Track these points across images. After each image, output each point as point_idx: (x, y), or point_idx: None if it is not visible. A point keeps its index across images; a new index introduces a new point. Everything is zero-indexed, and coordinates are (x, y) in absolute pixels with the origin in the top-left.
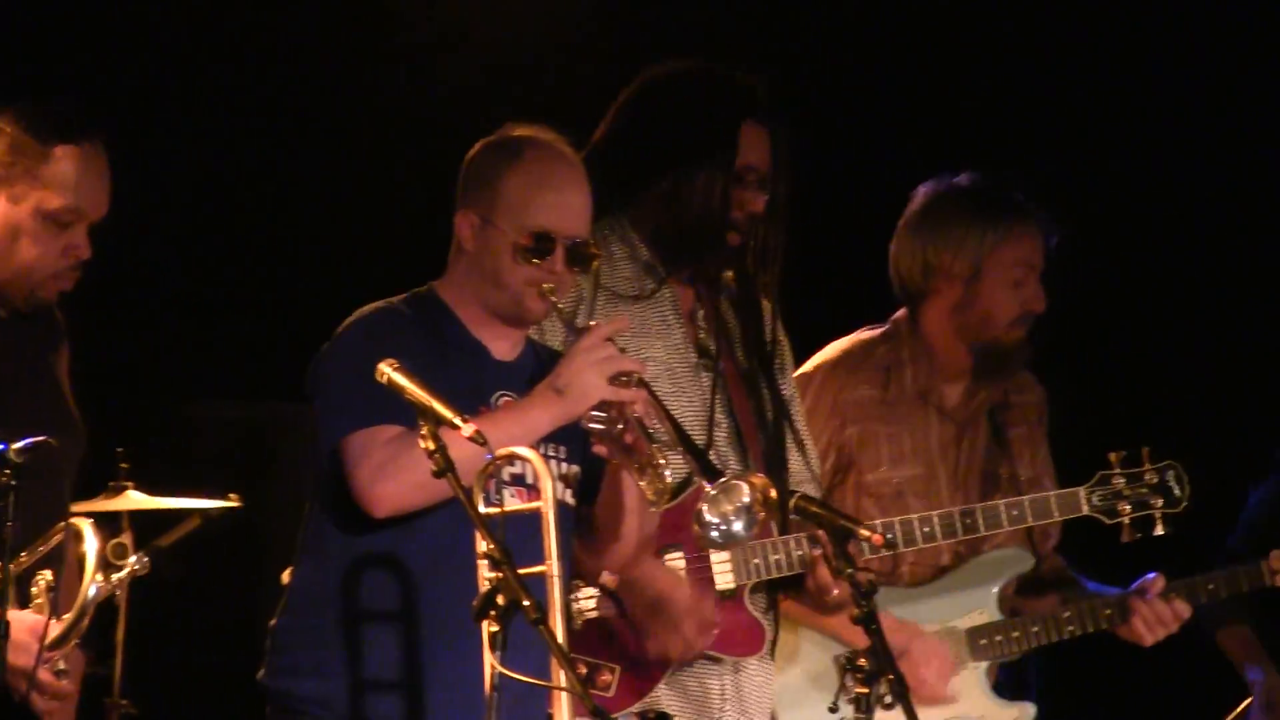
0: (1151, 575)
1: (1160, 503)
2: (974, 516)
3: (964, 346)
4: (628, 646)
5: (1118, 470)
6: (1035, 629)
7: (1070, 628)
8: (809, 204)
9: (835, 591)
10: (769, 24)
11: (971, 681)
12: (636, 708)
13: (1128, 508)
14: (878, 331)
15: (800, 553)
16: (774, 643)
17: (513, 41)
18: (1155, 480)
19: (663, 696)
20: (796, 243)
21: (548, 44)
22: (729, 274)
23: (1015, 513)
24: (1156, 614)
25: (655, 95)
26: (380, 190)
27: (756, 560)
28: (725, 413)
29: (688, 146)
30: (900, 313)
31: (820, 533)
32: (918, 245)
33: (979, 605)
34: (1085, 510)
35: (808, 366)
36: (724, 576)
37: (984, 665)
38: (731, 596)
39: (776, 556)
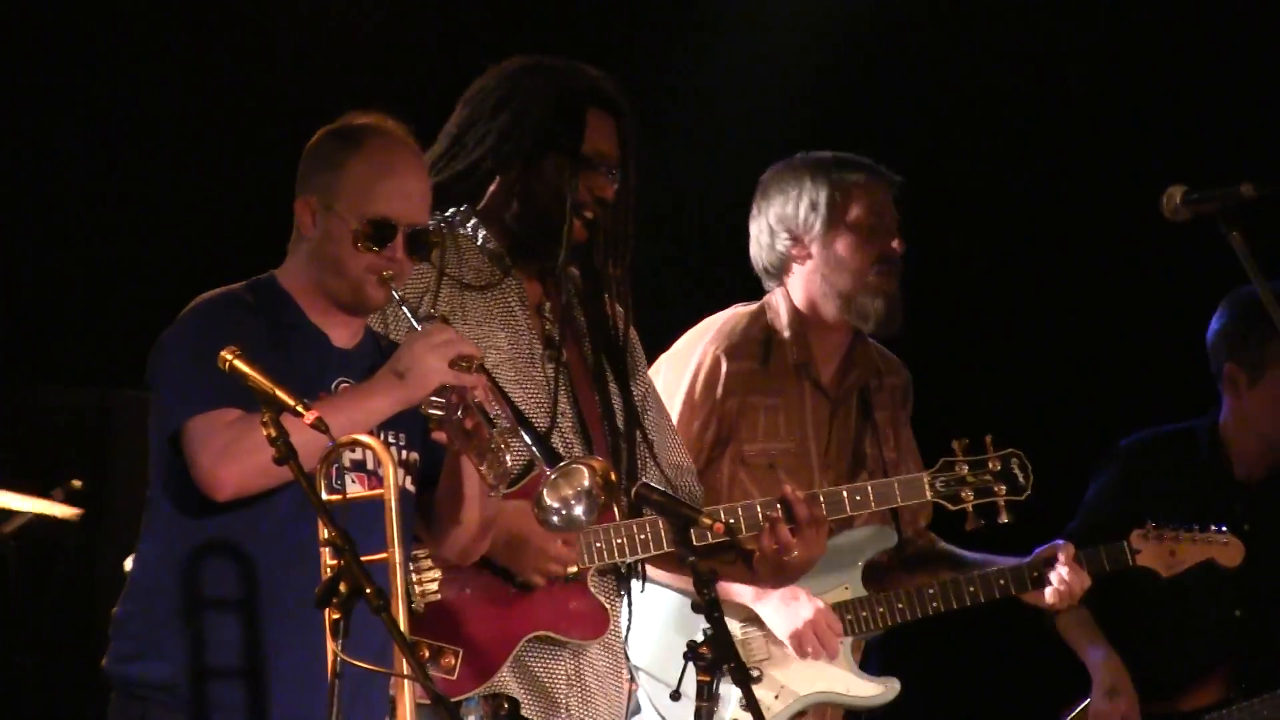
0: (1060, 542)
1: (1004, 490)
2: (818, 503)
3: (833, 306)
4: (471, 628)
5: (961, 457)
6: (900, 605)
7: (935, 604)
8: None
9: (796, 552)
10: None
11: (839, 658)
12: (481, 690)
13: (971, 494)
14: (754, 306)
15: (643, 537)
16: (628, 629)
17: (360, 30)
18: (998, 468)
19: (508, 681)
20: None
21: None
22: (575, 268)
23: (859, 498)
24: (1069, 582)
25: (503, 86)
26: (222, 176)
27: (599, 544)
28: (570, 404)
29: (534, 134)
30: (772, 292)
31: (785, 493)
32: (764, 224)
33: (843, 581)
34: (929, 496)
35: (684, 340)
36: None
37: (849, 641)
38: (575, 579)
39: (619, 540)
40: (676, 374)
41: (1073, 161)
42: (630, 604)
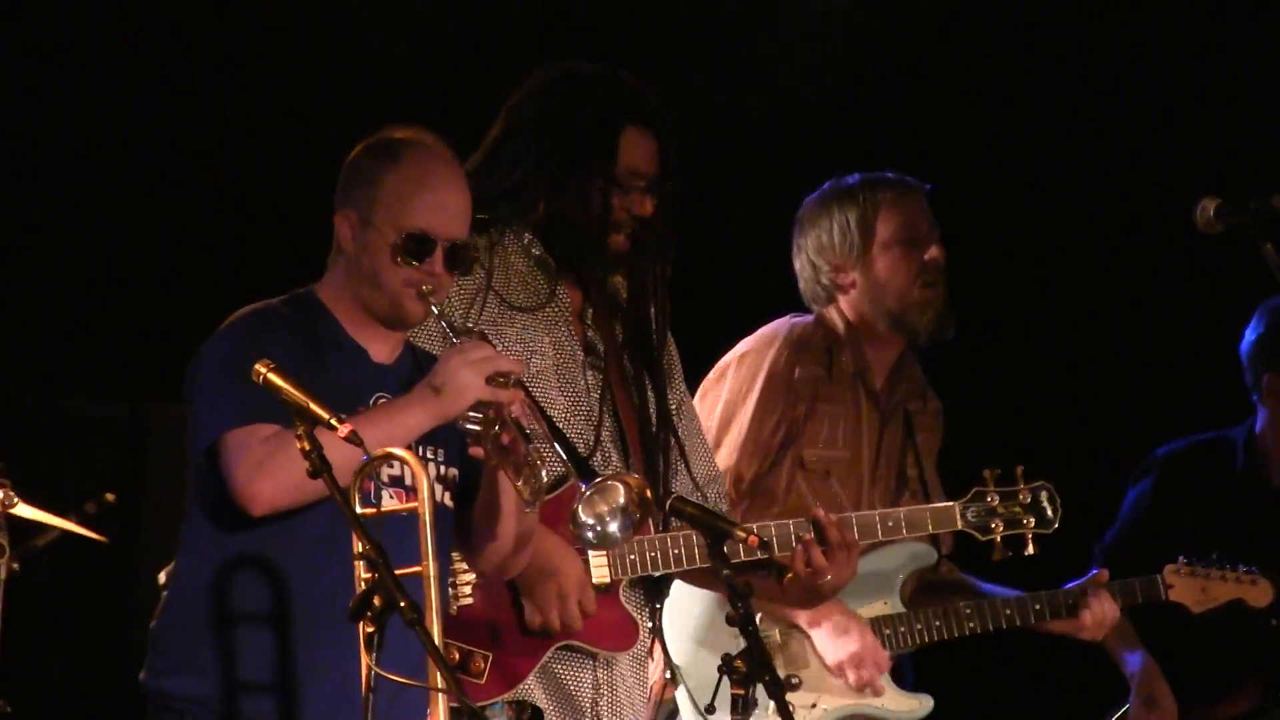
0: (1095, 571)
1: (1032, 522)
2: (849, 526)
3: (884, 324)
4: (501, 634)
5: (992, 488)
6: (937, 623)
7: (971, 624)
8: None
9: (830, 576)
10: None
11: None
12: (507, 696)
13: (1000, 525)
14: (809, 318)
15: (676, 551)
16: (653, 644)
17: (398, 42)
18: (1028, 500)
19: (534, 689)
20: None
21: (438, 45)
22: (618, 278)
23: (891, 524)
24: (1103, 612)
25: (539, 99)
26: (262, 190)
27: (632, 556)
28: (609, 413)
29: (568, 151)
30: (825, 307)
31: (816, 515)
32: (805, 260)
33: (883, 596)
34: (959, 525)
35: (752, 342)
36: (599, 570)
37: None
38: (606, 591)
39: (652, 554)
40: (748, 375)
41: (1104, 171)
42: (661, 616)
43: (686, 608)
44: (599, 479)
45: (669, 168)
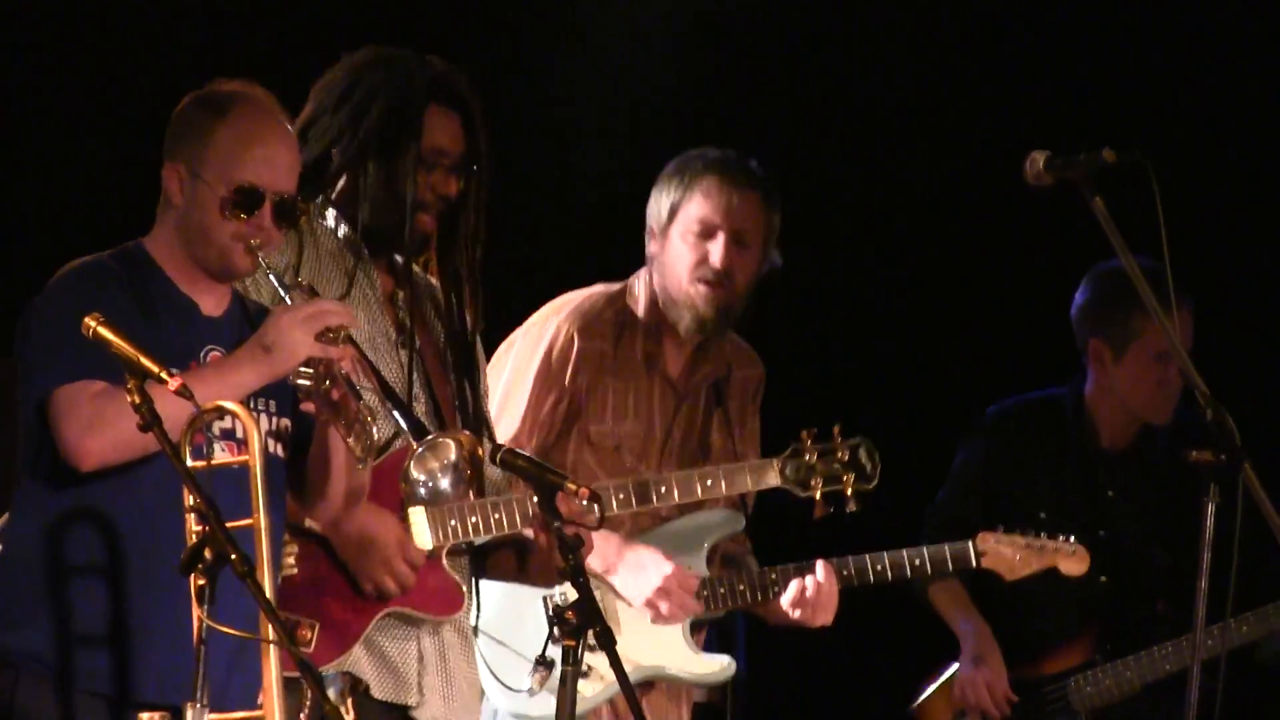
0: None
1: (851, 478)
2: (669, 484)
3: (669, 300)
4: (328, 602)
5: (809, 445)
6: (741, 587)
7: (777, 587)
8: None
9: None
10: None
11: (674, 636)
12: (334, 666)
13: (819, 482)
14: (615, 287)
15: (497, 516)
16: (478, 611)
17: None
18: (846, 457)
19: (361, 660)
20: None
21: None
22: (426, 261)
23: (709, 482)
24: (810, 590)
25: (346, 79)
26: (88, 143)
27: (454, 522)
28: (424, 390)
29: (373, 132)
30: (640, 272)
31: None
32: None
33: (689, 560)
34: (777, 482)
35: (539, 314)
36: (421, 537)
37: (687, 621)
38: (430, 558)
39: (474, 519)
40: (530, 348)
41: (935, 125)
42: (478, 589)
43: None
44: (430, 436)
45: (476, 149)
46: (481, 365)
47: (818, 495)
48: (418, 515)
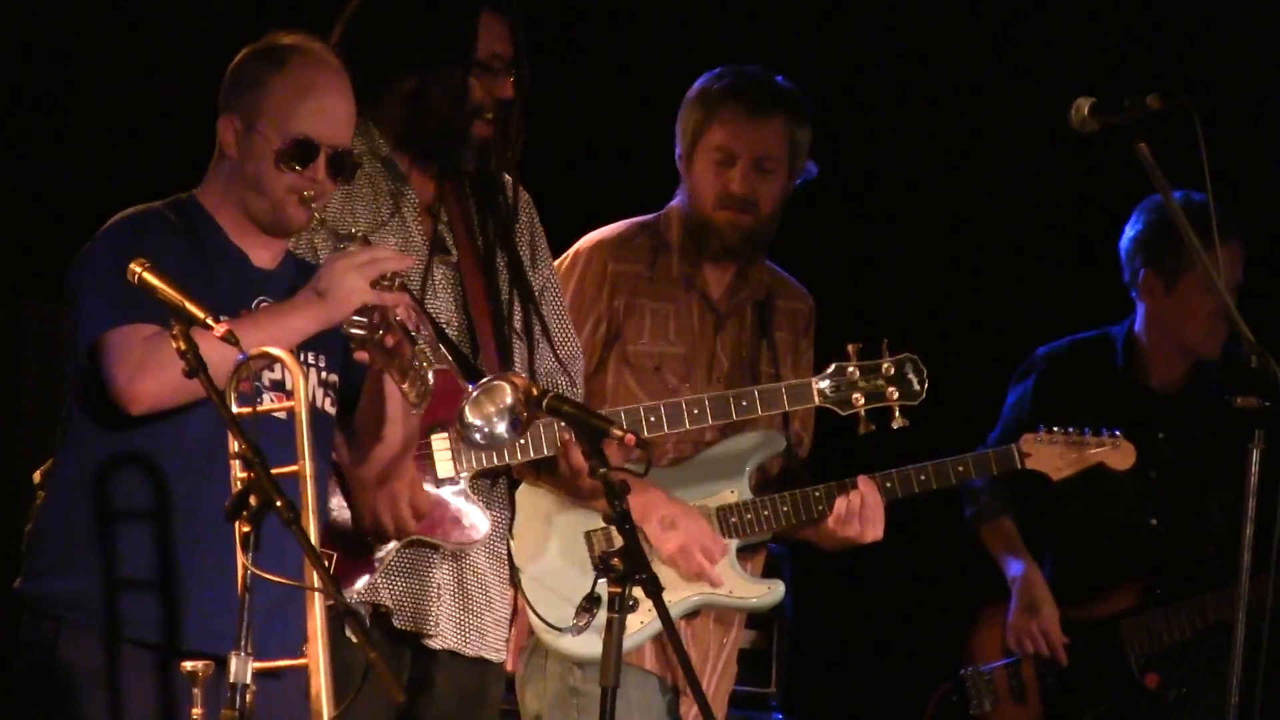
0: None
1: (896, 394)
2: (701, 406)
3: (698, 222)
4: (345, 532)
5: (854, 361)
6: (785, 508)
7: (821, 506)
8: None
9: (587, 478)
10: None
11: (721, 561)
12: (352, 594)
13: (861, 399)
14: (648, 218)
15: (522, 442)
16: (509, 533)
17: None
18: (892, 372)
19: (380, 587)
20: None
21: None
22: (471, 168)
23: (745, 403)
24: (857, 503)
25: None
26: (142, 91)
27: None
28: (459, 308)
29: (429, 41)
30: (676, 197)
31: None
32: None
33: (730, 485)
34: (817, 401)
35: (576, 246)
36: (444, 464)
37: (734, 543)
38: (453, 482)
39: None
40: (564, 280)
41: (983, 71)
42: (513, 506)
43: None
44: (485, 379)
45: (521, 50)
46: (538, 263)
47: (861, 412)
48: (440, 442)
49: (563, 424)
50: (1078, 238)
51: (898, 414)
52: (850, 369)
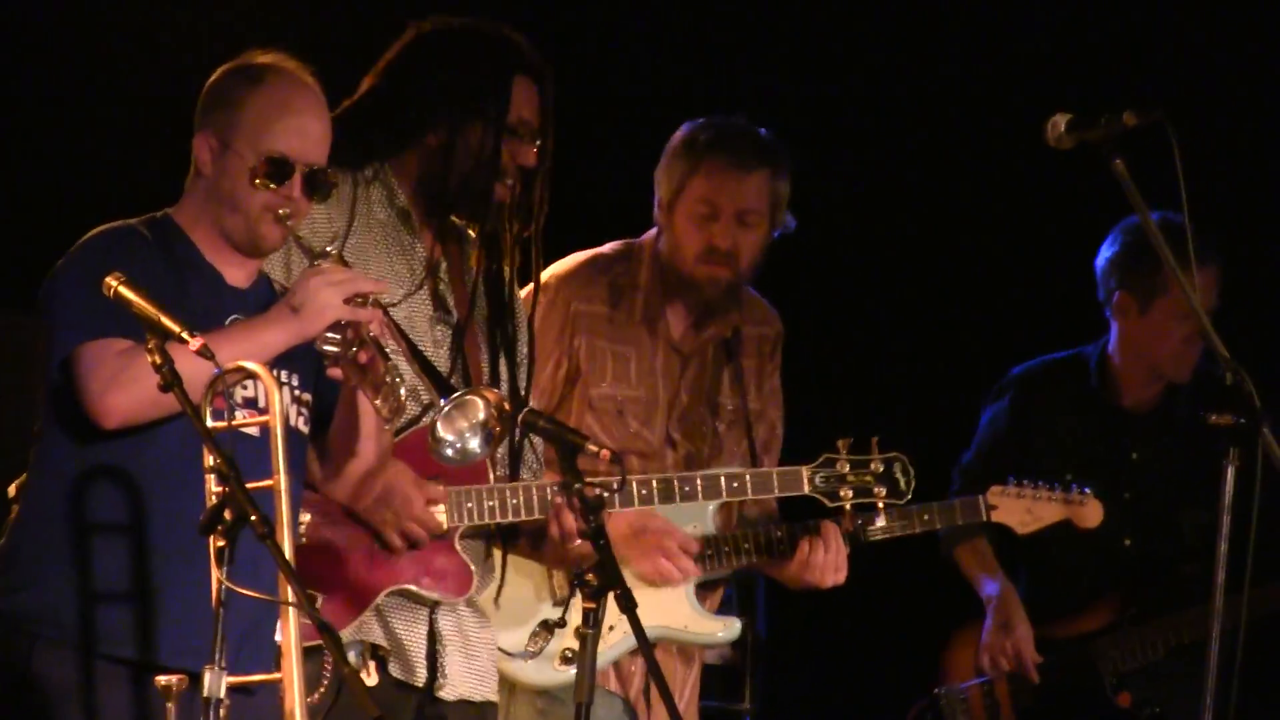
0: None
1: (883, 492)
2: (693, 484)
3: (675, 274)
4: (333, 575)
5: (844, 455)
6: (746, 545)
7: (783, 546)
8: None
9: (578, 541)
10: None
11: (679, 596)
12: (347, 632)
13: (850, 493)
14: (620, 246)
15: (514, 501)
16: (497, 599)
17: None
18: (881, 469)
19: (376, 630)
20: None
21: None
22: (490, 228)
23: (735, 485)
24: (819, 551)
25: (426, 48)
26: (118, 110)
27: (469, 504)
28: (460, 369)
29: (462, 100)
30: (648, 234)
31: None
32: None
33: (694, 519)
34: (806, 490)
35: (543, 276)
36: (437, 517)
37: (693, 581)
38: (443, 536)
39: (490, 503)
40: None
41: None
42: (504, 568)
43: None
44: (457, 394)
45: (549, 119)
46: (520, 335)
47: (847, 506)
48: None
49: (552, 488)
50: (1053, 257)
51: (882, 509)
52: (840, 463)
